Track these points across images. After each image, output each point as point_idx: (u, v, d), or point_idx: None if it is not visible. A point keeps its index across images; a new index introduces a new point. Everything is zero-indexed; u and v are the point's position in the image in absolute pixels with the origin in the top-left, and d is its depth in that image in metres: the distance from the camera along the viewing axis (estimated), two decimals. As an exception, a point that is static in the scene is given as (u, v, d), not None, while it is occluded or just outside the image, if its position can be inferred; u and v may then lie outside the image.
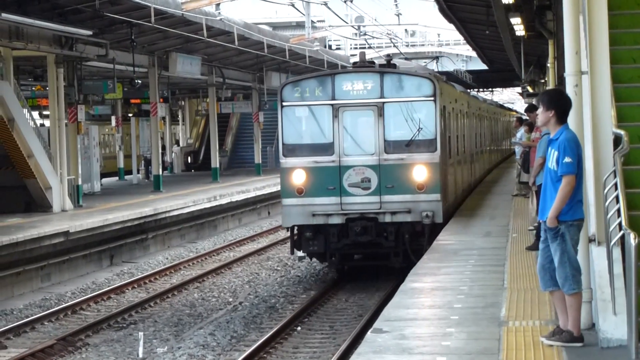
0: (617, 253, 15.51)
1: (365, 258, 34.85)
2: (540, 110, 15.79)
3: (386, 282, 33.52)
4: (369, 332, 17.48)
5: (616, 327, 15.44)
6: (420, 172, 32.24)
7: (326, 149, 32.77)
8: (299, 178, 32.47)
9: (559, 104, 15.74)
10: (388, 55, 40.45)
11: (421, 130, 32.50)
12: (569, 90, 17.08)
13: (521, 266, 23.22)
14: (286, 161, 33.25)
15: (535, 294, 19.48)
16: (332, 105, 32.62)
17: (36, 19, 42.16)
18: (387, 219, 32.21)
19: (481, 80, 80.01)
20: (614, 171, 16.10)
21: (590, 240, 16.30)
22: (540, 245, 15.75)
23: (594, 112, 16.66)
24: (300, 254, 34.37)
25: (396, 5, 69.51)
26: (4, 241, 35.38)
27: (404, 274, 24.02)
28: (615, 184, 15.87)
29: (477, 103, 56.29)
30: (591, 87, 16.77)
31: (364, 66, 34.25)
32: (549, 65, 39.99)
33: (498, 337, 16.50)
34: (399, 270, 31.68)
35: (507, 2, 33.53)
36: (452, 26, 58.06)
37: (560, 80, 22.70)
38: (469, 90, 58.75)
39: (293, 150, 33.39)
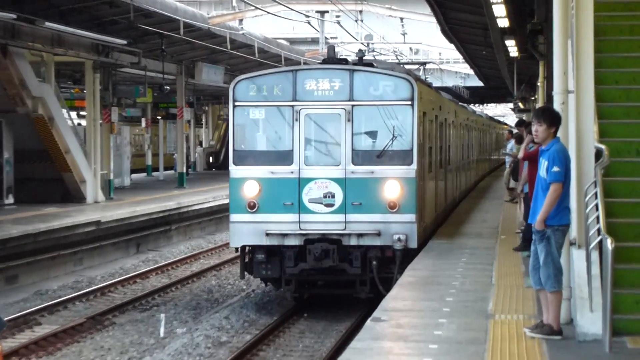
0: (595, 256, 15.56)
1: (327, 285, 27.09)
2: (539, 127, 15.80)
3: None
4: (368, 321, 17.50)
5: (592, 323, 15.47)
6: (393, 188, 25.17)
7: (284, 157, 25.59)
8: (251, 191, 25.40)
9: (559, 122, 15.89)
10: (360, 50, 31.09)
11: (395, 139, 25.41)
12: (557, 107, 17.16)
13: (508, 265, 23.23)
14: (236, 170, 25.93)
15: (520, 290, 19.49)
16: (292, 106, 25.49)
17: (76, 29, 42.21)
18: (353, 241, 25.14)
19: (477, 95, 79.95)
20: (595, 182, 16.14)
21: (571, 243, 16.35)
22: (532, 247, 15.83)
23: (578, 128, 16.70)
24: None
25: (402, 25, 69.48)
26: (42, 228, 35.44)
27: (373, 305, 20.71)
28: (596, 194, 15.90)
29: (467, 113, 49.62)
30: (576, 105, 16.81)
31: (332, 62, 26.70)
32: (539, 84, 39.98)
33: (485, 329, 16.53)
34: (365, 300, 25.93)
35: (503, 26, 33.51)
36: (452, 46, 58.05)
37: (549, 98, 22.71)
38: (467, 105, 58.40)
39: (245, 157, 26.08)
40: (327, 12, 49.15)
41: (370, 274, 25.03)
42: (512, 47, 39.79)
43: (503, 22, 32.62)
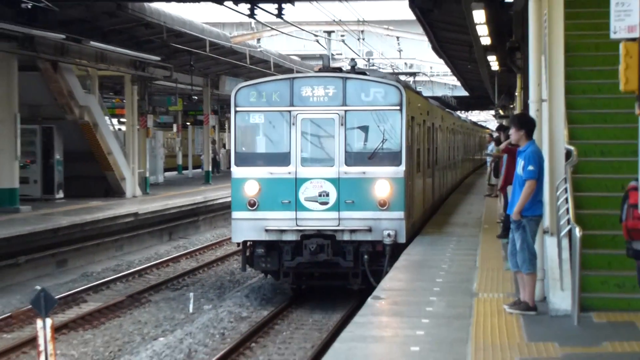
0: (565, 242, 15.59)
1: (322, 277, 25.49)
2: (513, 131, 15.94)
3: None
4: (369, 299, 17.49)
5: (563, 300, 15.47)
6: (383, 187, 23.79)
7: (282, 159, 24.17)
8: (251, 190, 24.03)
9: (528, 125, 15.93)
10: (353, 59, 29.36)
11: (385, 141, 24.12)
12: (532, 113, 17.16)
13: (490, 251, 23.19)
14: (238, 171, 24.54)
15: (500, 272, 19.45)
16: (289, 111, 24.10)
17: (117, 47, 42.26)
18: (346, 237, 23.79)
19: (463, 103, 79.88)
20: (565, 178, 16.17)
21: (545, 232, 16.35)
22: (510, 235, 15.88)
23: (550, 131, 16.68)
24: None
25: (398, 43, 69.40)
26: (87, 219, 35.49)
27: (365, 295, 19.84)
28: (566, 188, 15.93)
29: (453, 119, 48.83)
30: (549, 112, 16.80)
31: (327, 71, 25.67)
32: (516, 93, 39.91)
33: (470, 305, 16.50)
34: (358, 291, 24.46)
35: (485, 44, 33.45)
36: (442, 60, 57.98)
37: (525, 106, 22.68)
38: (453, 112, 58.31)
39: (246, 159, 24.66)
40: (333, 31, 49.11)
41: (362, 267, 23.72)
42: (493, 62, 39.71)
43: (485, 41, 32.55)
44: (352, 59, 28.35)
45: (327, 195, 23.71)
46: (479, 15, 27.56)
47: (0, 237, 29.94)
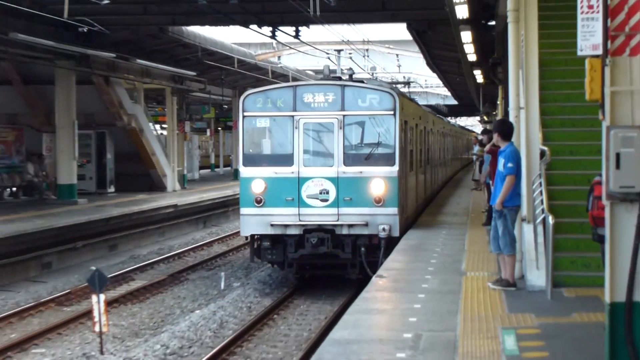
0: (540, 229, 15.63)
1: (323, 267, 24.05)
2: (493, 134, 16.20)
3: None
4: (373, 277, 17.52)
5: (538, 278, 15.49)
6: (378, 185, 22.52)
7: (286, 160, 22.91)
8: (257, 188, 22.82)
9: (502, 129, 16.04)
10: (350, 68, 29.55)
11: (380, 143, 22.97)
12: (512, 119, 17.19)
13: (476, 236, 23.20)
14: (245, 171, 23.27)
15: (485, 254, 19.43)
16: (292, 116, 22.86)
17: (159, 64, 42.38)
18: (344, 231, 22.55)
19: (453, 111, 79.84)
20: (540, 174, 16.20)
21: (523, 220, 16.36)
22: (493, 223, 15.94)
23: (527, 134, 16.72)
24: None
25: (398, 59, 69.50)
26: (135, 210, 35.61)
27: (362, 284, 18.83)
28: (540, 183, 15.93)
29: (442, 123, 46.85)
30: (526, 118, 16.83)
31: (327, 79, 24.63)
32: (498, 102, 39.89)
33: (460, 283, 16.51)
34: (355, 280, 23.27)
35: (471, 60, 33.45)
36: (434, 74, 58.02)
37: (506, 112, 22.68)
38: (444, 117, 58.20)
39: (253, 160, 23.37)
40: (342, 50, 48.99)
41: (360, 259, 22.35)
42: (478, 75, 39.72)
43: (472, 57, 32.54)
44: (350, 68, 27.58)
45: (327, 192, 22.52)
46: (466, 36, 27.55)
47: (61, 225, 30.05)
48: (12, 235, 27.04)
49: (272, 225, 22.59)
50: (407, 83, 41.77)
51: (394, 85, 31.92)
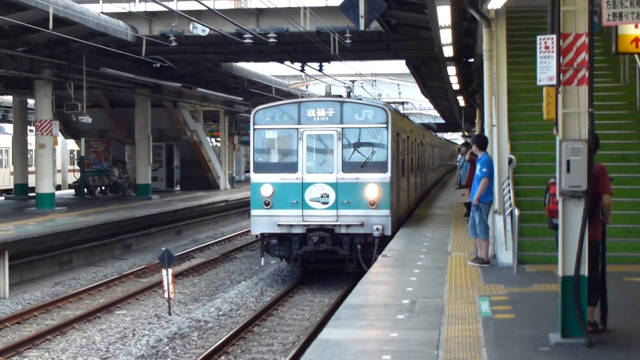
0: (508, 219, 15.62)
1: (324, 262, 21.82)
2: (473, 146, 16.25)
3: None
4: (379, 256, 17.42)
5: (506, 257, 15.48)
6: (372, 190, 20.58)
7: (291, 167, 21.07)
8: (266, 192, 20.99)
9: (479, 142, 16.12)
10: (348, 87, 27.49)
11: (374, 153, 21.01)
12: (487, 133, 17.15)
13: (459, 224, 23.12)
14: (256, 177, 21.49)
15: (465, 239, 19.36)
16: (297, 129, 21.04)
17: (215, 91, 42.48)
18: (343, 230, 20.62)
19: (442, 128, 79.59)
20: (508, 176, 16.15)
21: (495, 212, 16.33)
22: (471, 214, 15.95)
23: (498, 145, 16.71)
24: (263, 262, 22.24)
25: (398, 87, 69.44)
26: (195, 204, 35.71)
27: (358, 277, 17.36)
28: (508, 183, 15.90)
29: (431, 136, 45.28)
30: (498, 133, 16.82)
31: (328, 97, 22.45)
32: (476, 121, 39.73)
33: (446, 260, 16.49)
34: (352, 273, 21.14)
35: (455, 89, 33.37)
36: (427, 99, 57.98)
37: (482, 129, 22.62)
38: (433, 132, 57.95)
39: (262, 167, 21.51)
40: (356, 80, 49.03)
41: (356, 255, 20.45)
42: (461, 100, 39.57)
43: (456, 86, 32.46)
44: (348, 87, 25.26)
45: (328, 196, 20.55)
46: (451, 70, 27.50)
47: (139, 216, 30.12)
48: (102, 223, 27.15)
49: (279, 225, 20.67)
50: (402, 103, 39.75)
51: (388, 103, 30.33)
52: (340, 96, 22.57)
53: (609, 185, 10.07)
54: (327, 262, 21.54)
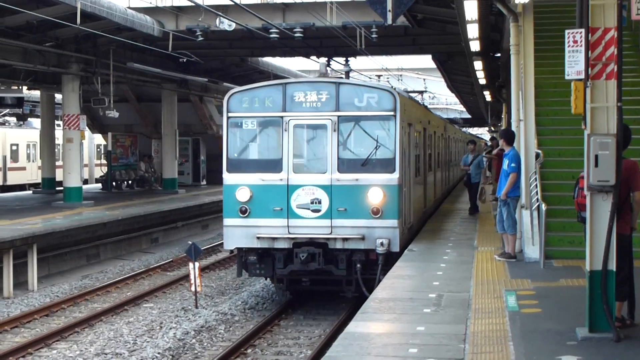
0: (535, 214, 15.59)
1: (317, 282, 17.13)
2: (499, 140, 16.29)
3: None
4: (405, 251, 17.29)
5: (533, 252, 15.45)
6: (376, 195, 16.06)
7: (274, 165, 16.50)
8: (242, 196, 16.49)
9: (507, 136, 16.11)
10: (347, 64, 21.96)
11: (379, 148, 16.29)
12: (514, 128, 17.13)
13: (485, 219, 23.04)
14: (229, 177, 16.91)
15: (492, 233, 19.32)
16: (281, 117, 16.41)
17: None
18: (338, 245, 16.15)
19: (467, 122, 79.41)
20: (535, 171, 16.12)
21: (522, 207, 16.29)
22: (498, 209, 16.02)
23: (525, 140, 16.68)
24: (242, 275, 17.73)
25: (424, 83, 69.27)
26: (221, 198, 35.62)
27: (358, 303, 13.79)
28: (535, 178, 15.88)
29: (455, 130, 41.21)
30: (525, 128, 16.79)
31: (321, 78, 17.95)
32: (502, 116, 39.63)
33: (473, 255, 16.46)
34: (351, 298, 17.00)
35: (482, 83, 33.30)
36: (453, 94, 57.88)
37: (509, 123, 22.56)
38: (457, 126, 57.62)
39: (238, 165, 16.94)
40: (382, 75, 48.89)
41: (355, 276, 16.23)
42: (487, 95, 39.47)
43: (482, 81, 32.39)
44: (347, 64, 21.03)
45: (319, 202, 16.17)
46: (478, 65, 27.44)
47: (166, 210, 30.30)
48: (129, 217, 27.33)
49: (258, 237, 16.39)
50: (421, 92, 36.08)
51: (407, 91, 27.00)
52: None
53: None
54: (320, 283, 17.25)
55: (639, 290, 10.44)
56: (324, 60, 22.46)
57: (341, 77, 17.66)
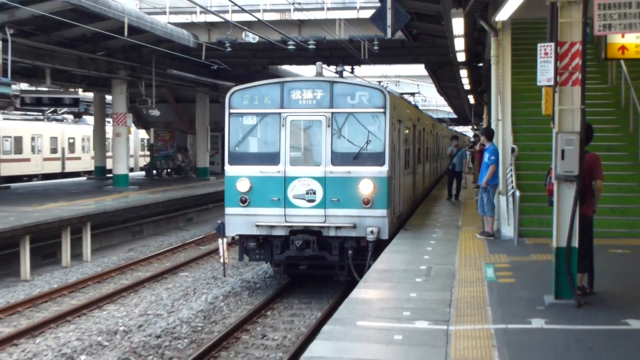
0: (510, 199, 15.51)
1: (312, 267, 16.12)
2: (482, 137, 16.21)
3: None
4: (400, 230, 17.27)
5: (509, 231, 15.44)
6: (367, 186, 14.88)
7: (272, 158, 15.33)
8: (243, 187, 15.43)
9: (487, 133, 16.02)
10: (340, 64, 19.41)
11: (370, 142, 15.13)
12: (493, 127, 17.07)
13: (468, 204, 23.03)
14: (230, 169, 15.82)
15: (473, 216, 19.30)
16: (279, 113, 15.30)
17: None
18: (332, 233, 15.04)
19: (454, 121, 79.10)
20: (511, 163, 16.10)
21: (499, 193, 16.27)
22: (479, 195, 15.97)
23: (503, 137, 16.64)
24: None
25: (418, 88, 68.98)
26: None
27: (351, 286, 13.08)
28: (511, 169, 15.85)
29: (442, 127, 38.56)
30: (503, 126, 16.73)
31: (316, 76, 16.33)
32: (484, 116, 39.51)
33: (457, 234, 16.44)
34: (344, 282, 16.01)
35: (466, 89, 33.21)
36: (442, 98, 57.69)
37: (489, 123, 22.49)
38: (444, 124, 57.45)
39: (238, 158, 15.75)
40: (382, 81, 48.94)
41: (347, 262, 15.12)
42: (471, 98, 39.37)
43: (467, 87, 32.30)
44: (340, 64, 19.33)
45: (314, 193, 15.04)
46: (463, 73, 27.38)
47: (199, 194, 30.33)
48: (168, 200, 27.39)
49: (257, 225, 15.33)
50: (413, 94, 34.79)
51: (402, 95, 25.92)
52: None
53: (601, 172, 10.09)
54: (315, 268, 16.16)
55: (598, 264, 10.47)
56: (333, 67, 22.00)
57: (335, 77, 16.54)
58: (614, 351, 7.84)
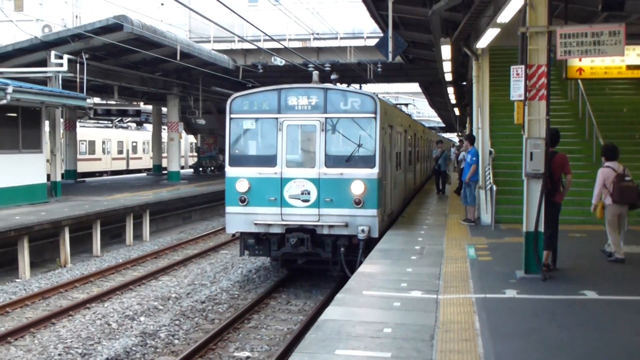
0: (489, 192, 15.39)
1: (307, 262, 14.19)
2: (465, 142, 16.10)
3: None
4: (400, 217, 17.16)
5: (487, 218, 15.34)
6: (358, 187, 13.12)
7: (270, 161, 13.53)
8: (242, 187, 13.55)
9: (470, 139, 15.95)
10: (335, 72, 19.48)
11: (361, 146, 13.31)
12: (475, 134, 16.96)
13: (453, 197, 22.88)
14: (231, 171, 13.73)
15: (459, 205, 19.23)
16: (276, 118, 13.51)
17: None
18: (325, 231, 13.29)
19: (442, 129, 78.76)
20: (489, 163, 15.97)
21: (480, 187, 16.16)
22: (463, 189, 15.84)
23: (483, 142, 16.52)
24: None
25: (413, 101, 68.67)
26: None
27: (343, 280, 12.86)
28: (489, 168, 15.74)
29: (432, 134, 37.30)
30: (482, 133, 16.62)
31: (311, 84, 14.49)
32: (467, 125, 39.28)
33: (445, 220, 16.35)
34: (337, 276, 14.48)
35: (453, 103, 33.06)
36: (433, 110, 57.39)
37: (471, 130, 22.36)
38: (434, 131, 57.11)
39: (238, 160, 13.77)
40: (385, 96, 49.02)
41: (339, 258, 13.35)
42: (456, 111, 39.18)
43: (453, 101, 32.16)
44: (335, 72, 17.75)
45: (309, 193, 13.34)
46: (450, 90, 27.27)
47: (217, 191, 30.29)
48: (212, 192, 27.42)
49: (255, 223, 13.56)
50: (406, 104, 33.72)
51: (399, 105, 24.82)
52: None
53: (569, 168, 10.14)
54: (311, 263, 14.33)
55: (560, 245, 10.39)
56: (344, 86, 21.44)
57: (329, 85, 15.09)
58: (572, 316, 7.79)
